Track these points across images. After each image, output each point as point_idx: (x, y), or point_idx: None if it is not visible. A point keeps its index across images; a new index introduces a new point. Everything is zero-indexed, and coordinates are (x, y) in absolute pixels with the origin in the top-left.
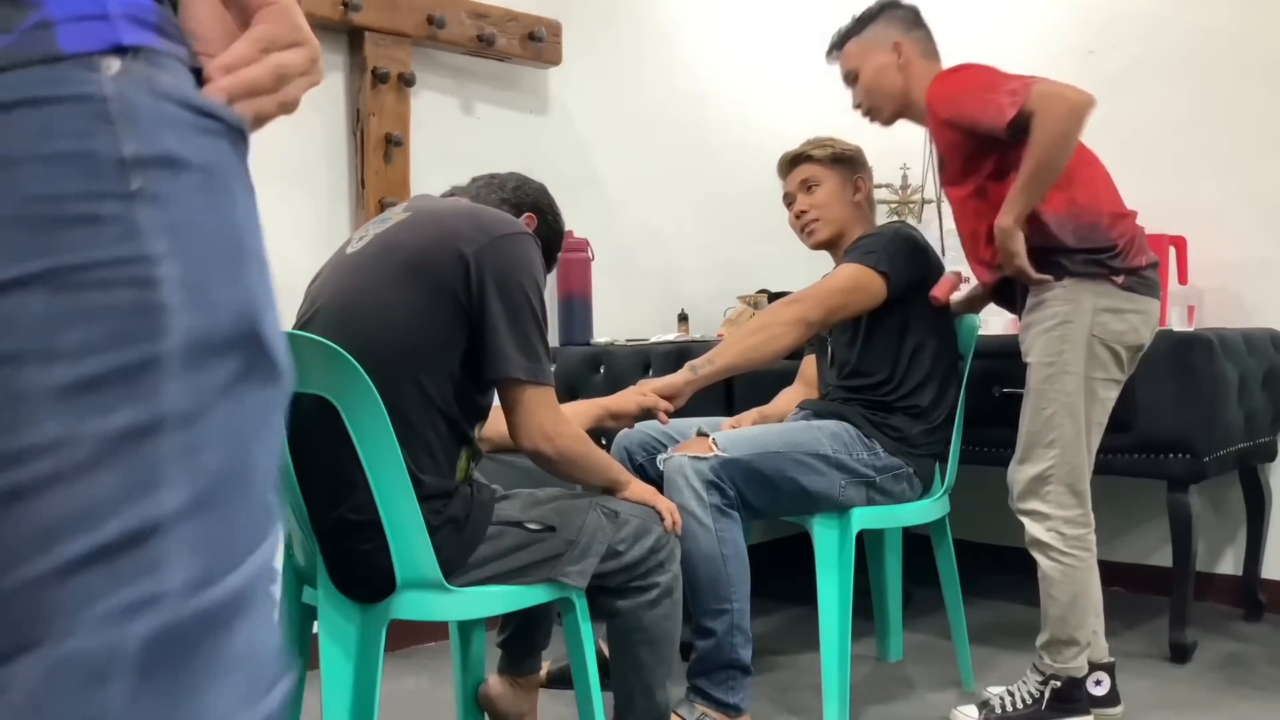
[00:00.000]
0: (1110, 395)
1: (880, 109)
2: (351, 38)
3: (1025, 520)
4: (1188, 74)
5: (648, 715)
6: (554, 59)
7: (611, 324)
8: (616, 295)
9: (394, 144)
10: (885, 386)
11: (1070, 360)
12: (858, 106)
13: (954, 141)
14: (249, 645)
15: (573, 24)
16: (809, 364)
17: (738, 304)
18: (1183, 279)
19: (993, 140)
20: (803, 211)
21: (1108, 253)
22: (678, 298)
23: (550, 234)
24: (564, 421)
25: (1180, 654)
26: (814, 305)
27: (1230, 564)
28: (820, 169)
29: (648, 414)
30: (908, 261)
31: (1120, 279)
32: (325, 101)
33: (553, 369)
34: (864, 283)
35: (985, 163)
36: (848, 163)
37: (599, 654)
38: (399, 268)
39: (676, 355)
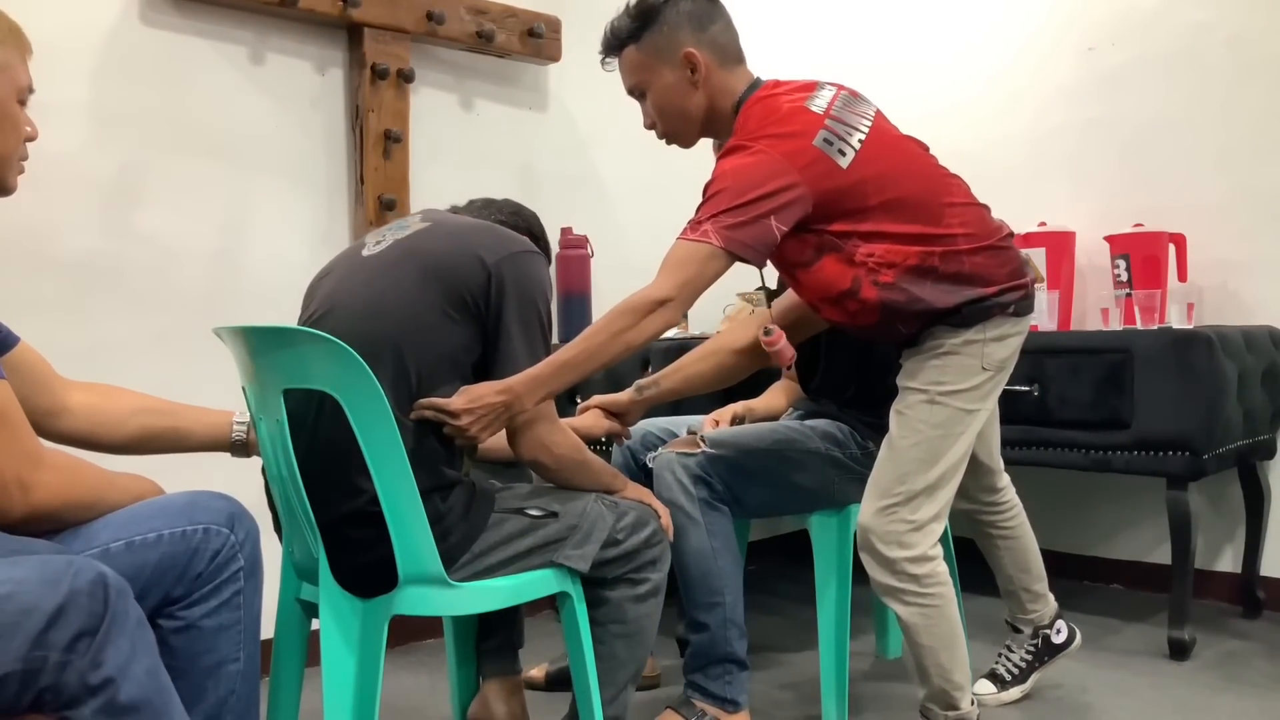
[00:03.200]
0: (975, 426)
1: (682, 134)
2: (351, 34)
3: (869, 566)
4: (1187, 71)
5: (613, 708)
6: (553, 55)
7: None
8: (615, 292)
9: (393, 140)
10: (864, 396)
11: (951, 392)
12: (651, 128)
13: None
14: None
15: (572, 20)
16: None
17: (737, 301)
18: (1182, 276)
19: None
20: None
21: (992, 296)
22: None
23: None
24: (561, 431)
25: (1179, 651)
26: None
27: (1229, 561)
28: None
29: (612, 436)
30: None
31: (1010, 309)
32: (324, 98)
33: None
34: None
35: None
36: None
37: (549, 671)
38: (421, 272)
39: (675, 352)
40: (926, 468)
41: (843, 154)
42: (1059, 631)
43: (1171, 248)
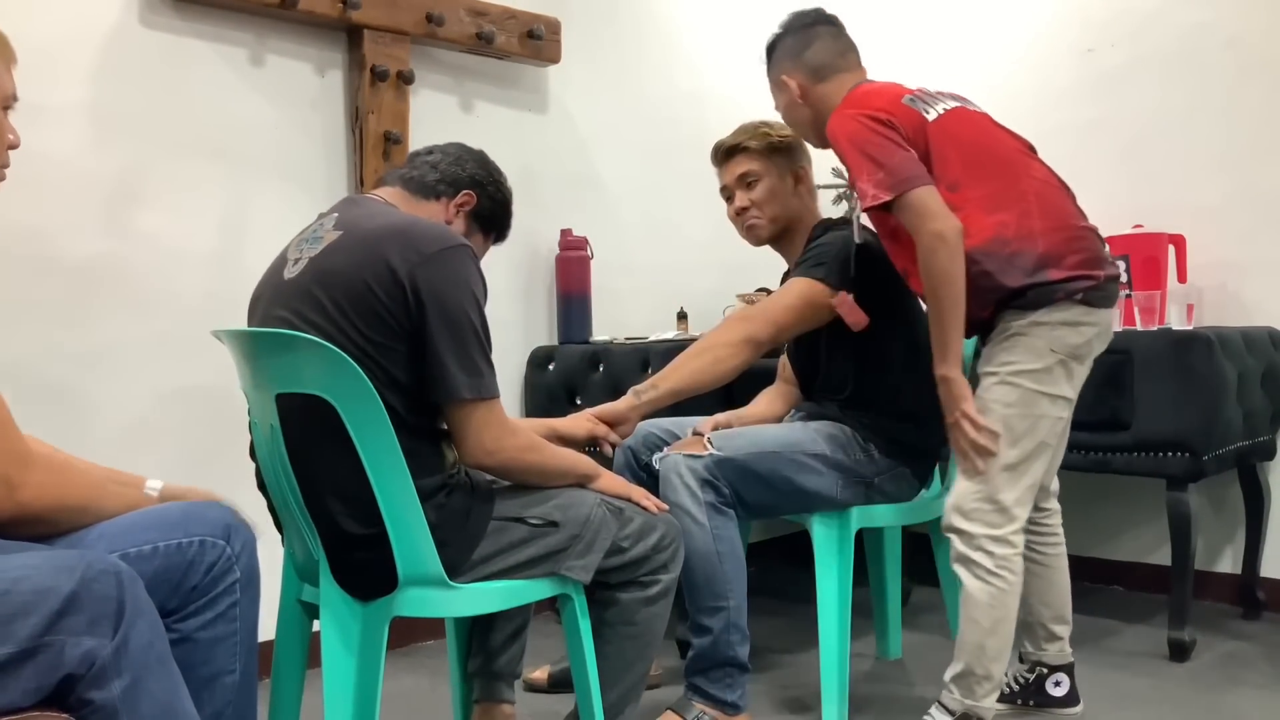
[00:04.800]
0: (1059, 414)
1: (807, 138)
2: (350, 35)
3: (951, 537)
4: (1186, 72)
5: (618, 708)
6: (553, 57)
7: (610, 322)
8: (615, 293)
9: (393, 142)
10: (862, 396)
11: (1019, 372)
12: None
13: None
14: None
15: (572, 22)
16: (786, 363)
17: (737, 302)
18: (1181, 277)
19: None
20: (742, 209)
21: (1058, 281)
22: (677, 295)
23: (493, 205)
24: (509, 434)
25: (1179, 652)
26: (763, 324)
27: (1229, 562)
28: (757, 162)
29: (595, 442)
30: (860, 271)
31: (1079, 296)
32: (324, 99)
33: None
34: (815, 298)
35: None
36: (786, 152)
37: (551, 672)
38: (338, 298)
39: (675, 353)
40: (1005, 446)
41: (928, 111)
42: (1059, 684)
43: (1171, 249)
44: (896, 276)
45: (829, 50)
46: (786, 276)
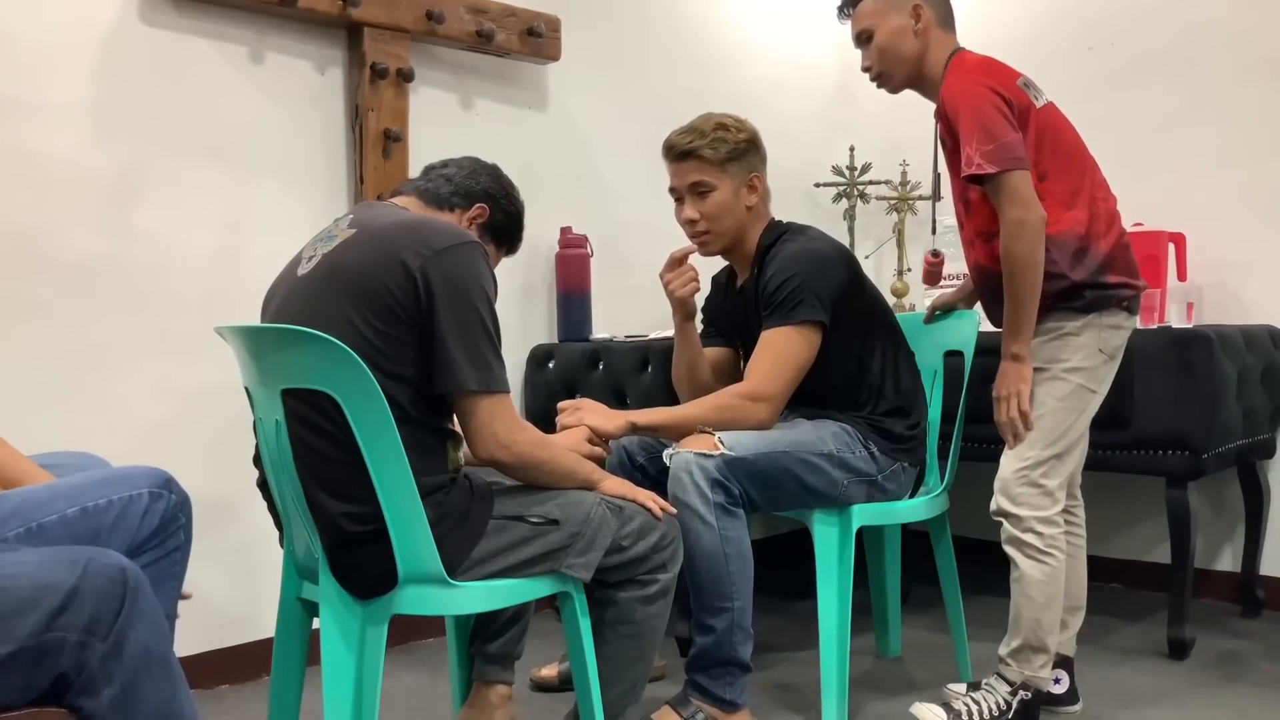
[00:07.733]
0: (1094, 407)
1: (892, 75)
2: (350, 33)
3: (1002, 520)
4: (1186, 70)
5: (617, 707)
6: (553, 54)
7: (610, 320)
8: (615, 291)
9: (393, 140)
10: (852, 399)
11: (1069, 367)
12: (867, 70)
13: (951, 145)
14: None
15: (572, 19)
16: (721, 355)
17: None
18: (1181, 275)
19: None
20: (692, 220)
21: (1114, 287)
22: None
23: (506, 218)
24: (521, 429)
25: (1178, 650)
26: (780, 400)
27: (1229, 560)
28: (712, 173)
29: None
30: (828, 285)
31: (1125, 304)
32: (324, 97)
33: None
34: (812, 341)
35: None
36: (742, 160)
37: (560, 670)
38: (348, 292)
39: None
40: (1053, 437)
41: (1036, 99)
42: (1058, 682)
43: (1171, 247)
44: (866, 281)
45: (949, 8)
46: (744, 285)
